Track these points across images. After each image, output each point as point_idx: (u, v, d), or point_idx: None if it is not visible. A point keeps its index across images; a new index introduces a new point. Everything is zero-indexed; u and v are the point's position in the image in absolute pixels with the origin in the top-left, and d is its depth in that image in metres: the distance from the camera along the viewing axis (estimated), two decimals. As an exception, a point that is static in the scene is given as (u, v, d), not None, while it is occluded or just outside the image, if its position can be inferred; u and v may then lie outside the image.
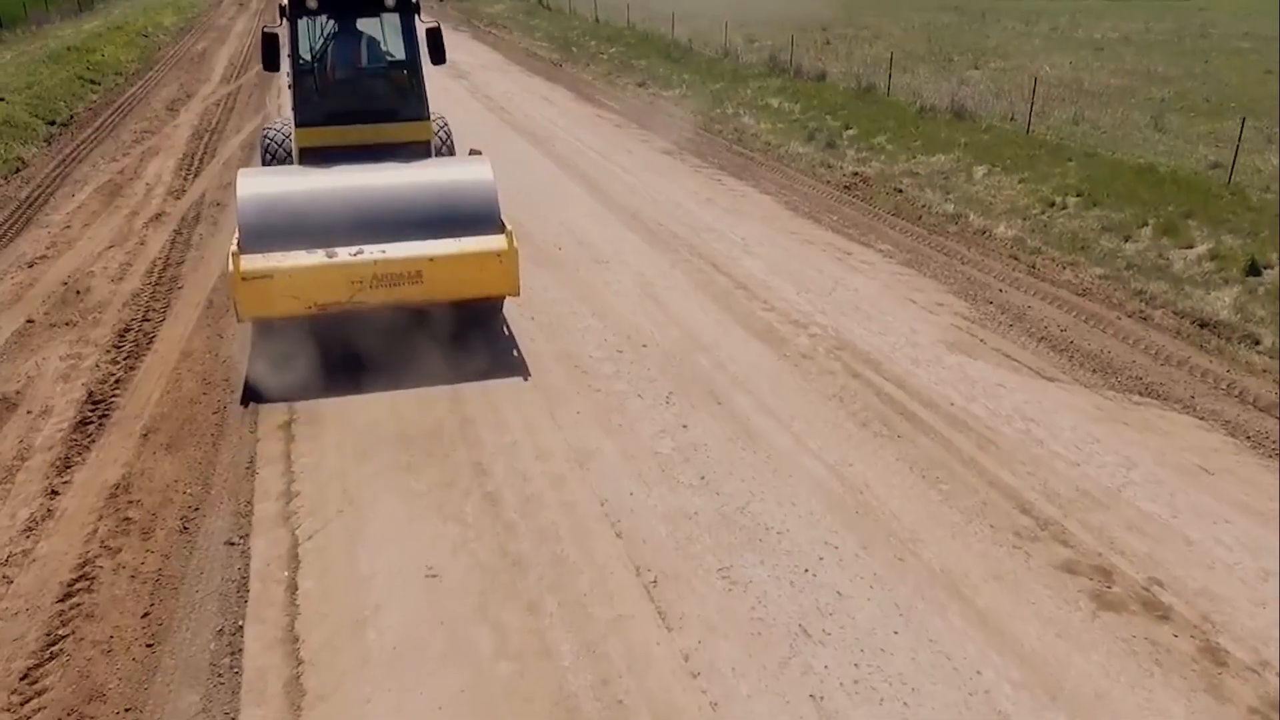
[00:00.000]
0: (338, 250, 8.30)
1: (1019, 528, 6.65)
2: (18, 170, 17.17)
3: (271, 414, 8.20)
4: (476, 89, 24.93)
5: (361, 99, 10.03)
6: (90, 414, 8.20)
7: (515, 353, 9.38)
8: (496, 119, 21.06)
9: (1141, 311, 10.69)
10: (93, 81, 25.93)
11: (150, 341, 9.63)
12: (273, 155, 11.24)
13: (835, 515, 6.75)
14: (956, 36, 41.07)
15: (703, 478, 7.21)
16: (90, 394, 8.53)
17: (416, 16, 10.05)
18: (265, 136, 11.65)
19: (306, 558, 6.28)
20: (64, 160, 17.63)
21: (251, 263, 8.05)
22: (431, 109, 10.63)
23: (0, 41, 32.67)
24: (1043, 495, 7.03)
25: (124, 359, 9.27)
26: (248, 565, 6.21)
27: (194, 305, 10.49)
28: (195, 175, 16.15)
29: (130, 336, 9.75)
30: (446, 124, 12.05)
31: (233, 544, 6.42)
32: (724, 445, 7.68)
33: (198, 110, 22.06)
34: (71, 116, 21.73)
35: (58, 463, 7.45)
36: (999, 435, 7.87)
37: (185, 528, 6.61)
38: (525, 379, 8.83)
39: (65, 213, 14.28)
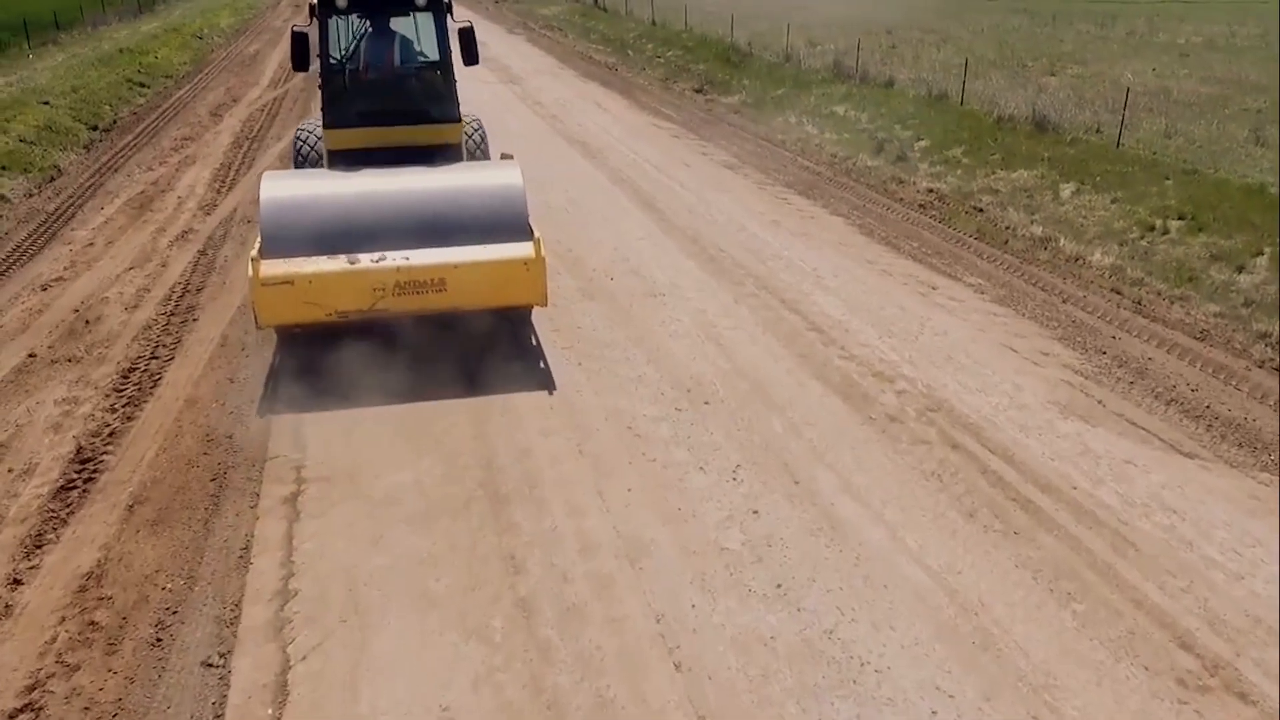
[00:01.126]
0: (360, 256, 7.89)
1: (1181, 671, 5.23)
2: (52, 179, 16.38)
3: (277, 477, 7.05)
4: (528, 95, 23.80)
5: (391, 100, 9.66)
6: (75, 476, 7.12)
7: (559, 409, 8.14)
8: (548, 127, 19.88)
9: (1272, 360, 9.15)
10: (141, 85, 25.30)
11: (154, 385, 8.56)
12: (304, 156, 10.86)
13: (947, 646, 5.39)
14: (1028, 41, 39.09)
15: (779, 585, 5.89)
16: (79, 450, 7.46)
17: (448, 16, 9.64)
18: (298, 137, 11.21)
19: (297, 688, 5.08)
20: (100, 169, 16.81)
21: (271, 268, 7.71)
22: (473, 113, 10.19)
23: (55, 43, 32.32)
24: (1204, 621, 5.60)
25: (123, 406, 8.19)
26: (225, 697, 5.03)
27: (207, 342, 9.41)
28: (229, 188, 15.18)
29: (134, 379, 8.69)
30: (481, 126, 11.48)
31: (211, 665, 5.25)
32: (803, 539, 6.35)
33: (242, 116, 21.21)
34: (115, 121, 21.02)
35: (28, 540, 6.37)
36: (1138, 533, 6.43)
37: (158, 639, 5.45)
38: (569, 441, 7.58)
39: (91, 228, 13.37)
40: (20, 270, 11.77)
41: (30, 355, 9.31)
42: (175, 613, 5.67)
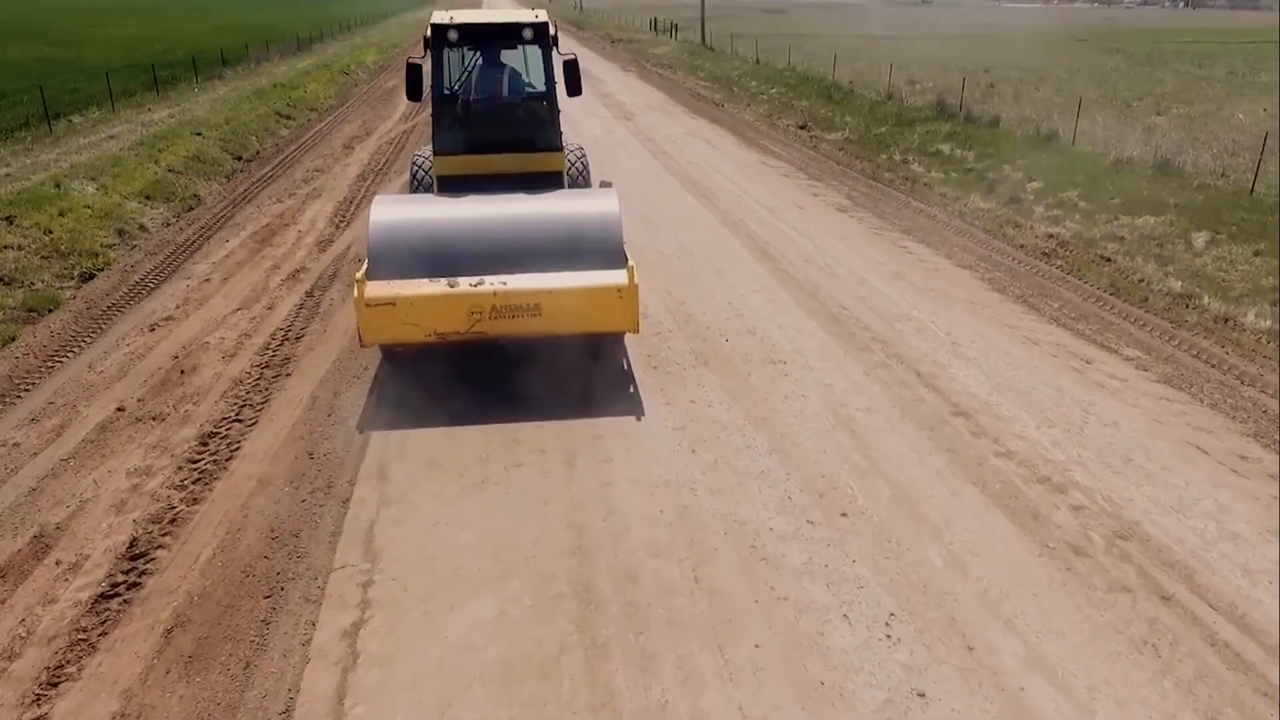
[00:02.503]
0: (459, 280, 7.45)
1: None
2: (191, 208, 15.28)
3: (339, 598, 5.32)
4: (640, 131, 21.95)
5: (498, 129, 9.16)
6: (122, 579, 5.52)
7: (670, 513, 6.20)
8: (659, 165, 17.98)
9: None
10: (288, 117, 24.42)
11: (231, 456, 6.96)
12: (419, 181, 10.35)
13: None
14: (1128, 80, 35.43)
15: (969, 833, 3.84)
16: (133, 542, 5.87)
17: (554, 49, 9.03)
18: (413, 162, 10.69)
19: None
20: (235, 200, 15.64)
21: (375, 290, 7.34)
22: (579, 143, 9.69)
23: (220, 78, 32.00)
24: None
25: (193, 483, 6.61)
26: None
27: (295, 404, 7.80)
28: (347, 223, 13.74)
29: (212, 447, 7.11)
30: (583, 154, 10.85)
31: None
32: (992, 748, 4.28)
33: (371, 148, 19.95)
34: (258, 152, 20.01)
35: (45, 675, 4.77)
36: None
37: None
38: (683, 565, 5.64)
39: (212, 262, 12.06)
40: (136, 306, 10.46)
41: (119, 409, 7.86)
42: (184, 815, 3.95)
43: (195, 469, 6.80)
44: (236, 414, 7.67)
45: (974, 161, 19.59)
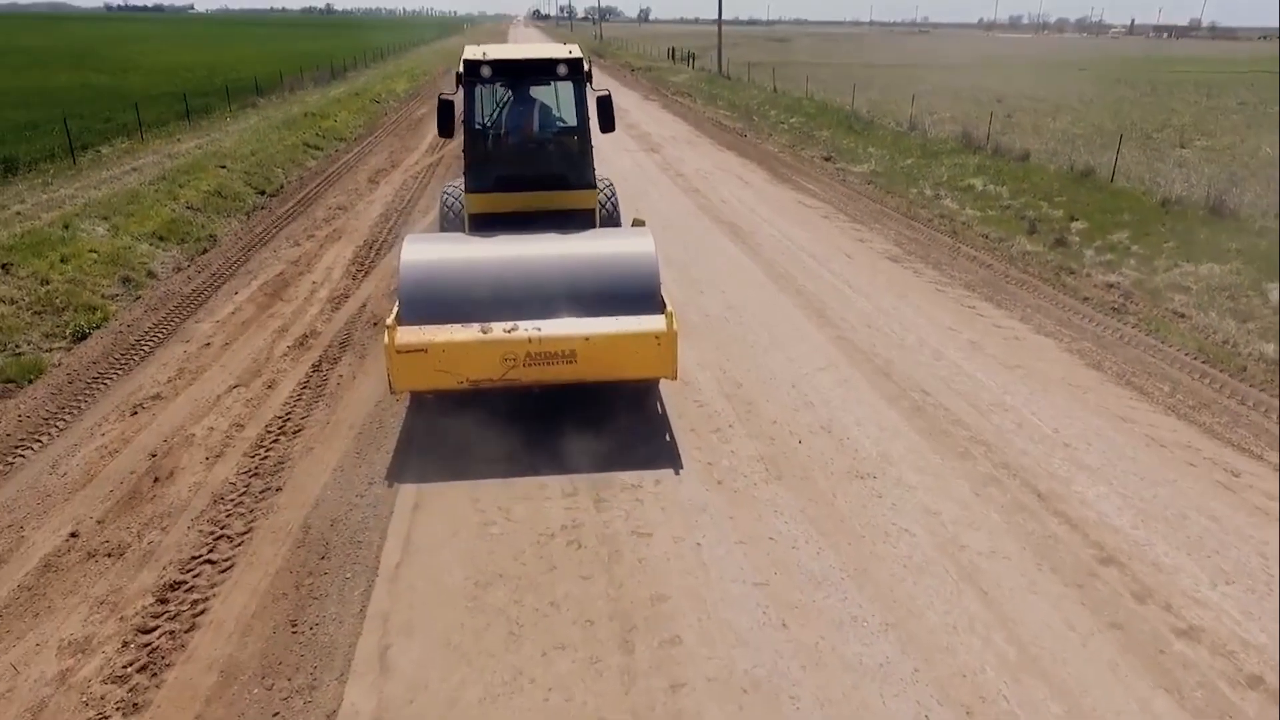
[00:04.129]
0: (492, 325, 6.72)
1: None
2: (205, 250, 13.38)
3: None
4: (669, 165, 19.93)
5: (531, 166, 8.44)
6: None
7: (767, 736, 4.21)
8: (693, 204, 15.96)
9: None
10: (315, 148, 22.51)
11: (193, 624, 5.00)
12: (449, 215, 9.39)
13: None
14: (1141, 111, 33.16)
15: None
16: (39, 786, 3.95)
17: (588, 85, 8.22)
18: (444, 198, 9.65)
19: None
20: (250, 243, 13.73)
21: (407, 336, 6.63)
22: (603, 174, 9.02)
23: (253, 106, 30.17)
24: None
25: (138, 671, 4.67)
26: None
27: (283, 536, 5.84)
28: (365, 273, 11.80)
29: (172, 607, 5.17)
30: (613, 191, 9.85)
31: None
32: None
33: (397, 183, 18.02)
34: (281, 187, 18.09)
35: None
36: None
37: None
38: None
39: (216, 321, 10.14)
40: (124, 379, 8.55)
41: (73, 534, 5.94)
42: None
43: (146, 647, 4.85)
44: (209, 550, 5.71)
45: (1009, 198, 17.56)
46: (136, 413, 7.82)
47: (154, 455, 7.00)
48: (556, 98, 8.84)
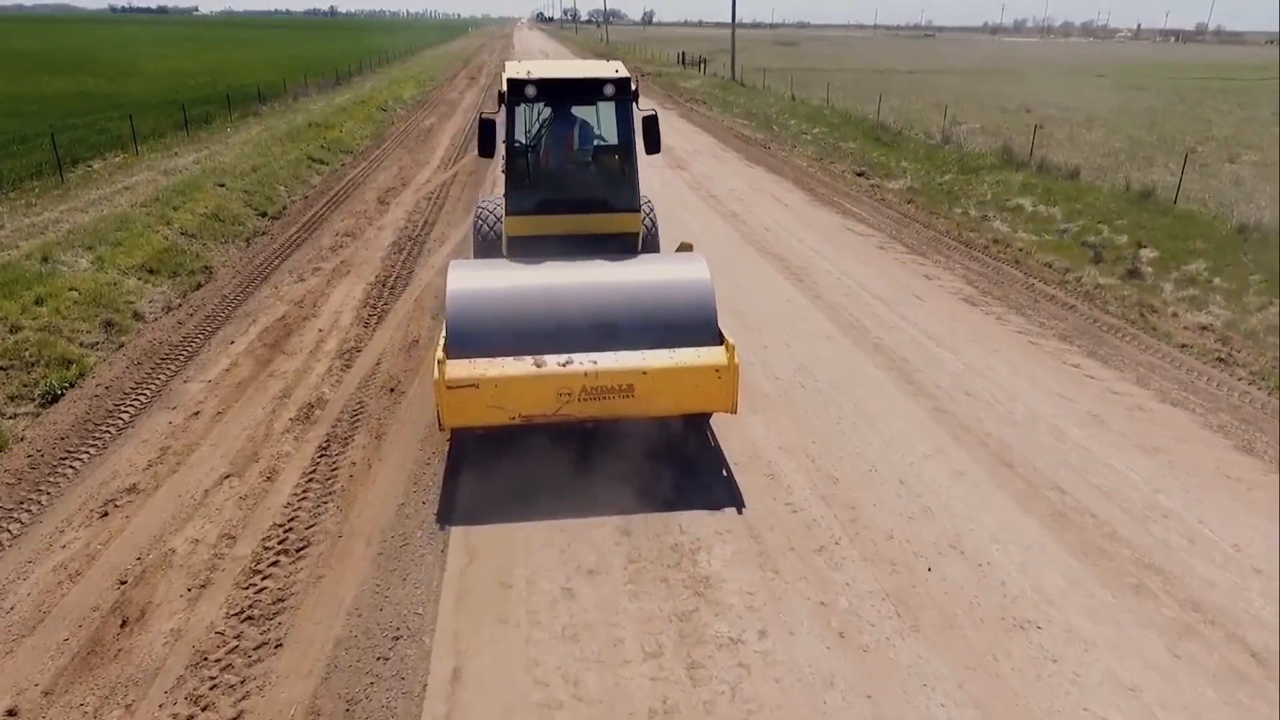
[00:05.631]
0: (546, 359, 6.19)
1: None
2: (200, 285, 11.95)
3: None
4: (699, 184, 18.47)
5: (573, 188, 8.06)
6: None
7: None
8: (733, 230, 14.51)
9: None
10: (320, 162, 21.07)
11: None
12: (484, 235, 8.84)
13: None
14: (1175, 122, 31.69)
15: None
16: None
17: (634, 104, 7.72)
18: (478, 216, 9.06)
19: None
20: (250, 276, 12.29)
21: (457, 370, 6.07)
22: (647, 197, 8.54)
23: (255, 115, 28.72)
24: None
25: None
26: None
27: (285, 713, 4.40)
28: (379, 318, 10.35)
29: None
30: (652, 210, 9.13)
31: None
32: None
33: (408, 205, 16.56)
34: (283, 208, 16.65)
35: None
36: None
37: None
38: None
39: (208, 380, 8.71)
40: (96, 462, 7.12)
41: (9, 715, 4.51)
42: None
43: None
44: (186, 750, 4.27)
45: (1063, 220, 16.15)
46: (108, 513, 6.39)
47: (123, 584, 5.56)
48: (599, 116, 8.37)
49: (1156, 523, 6.16)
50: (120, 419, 7.93)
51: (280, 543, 5.92)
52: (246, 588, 5.46)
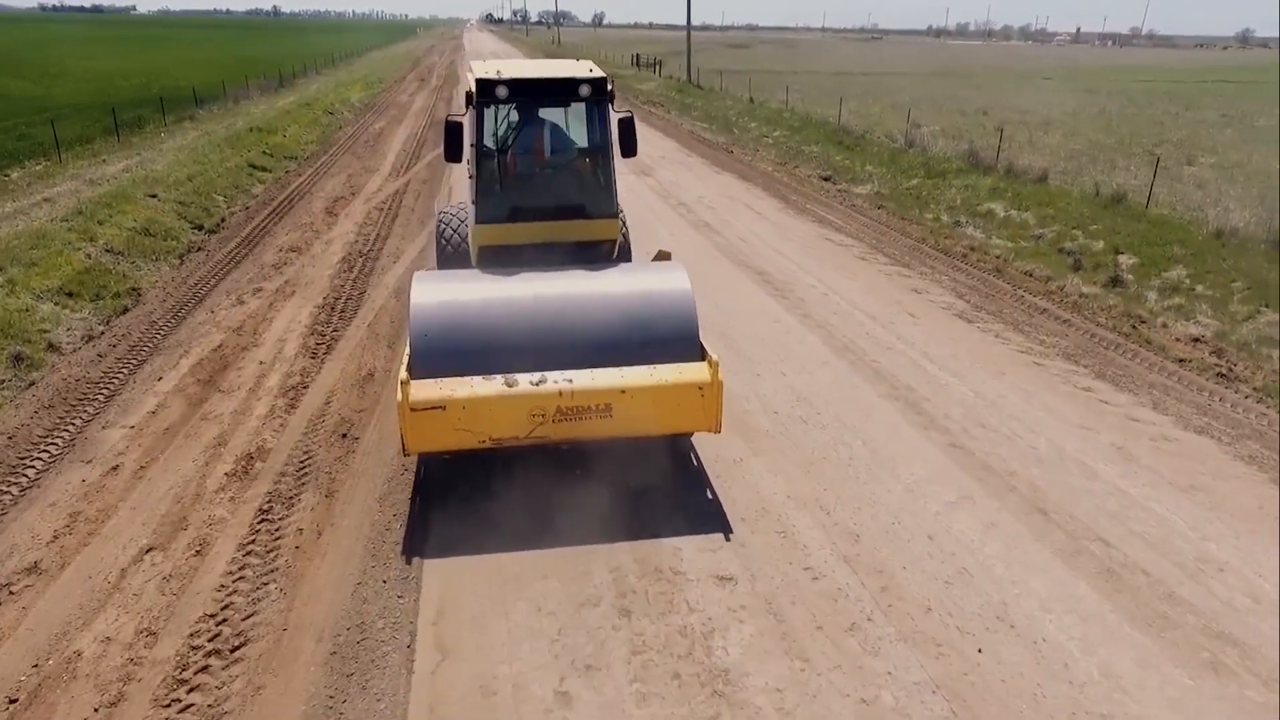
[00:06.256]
0: (517, 378, 5.76)
1: None
2: (126, 310, 10.74)
3: None
4: (668, 192, 17.67)
5: (547, 194, 7.36)
6: None
7: None
8: (708, 243, 13.72)
9: None
10: (263, 169, 19.73)
11: None
12: (447, 242, 8.43)
13: None
14: (1129, 125, 31.93)
15: None
16: None
17: (609, 106, 7.20)
18: (440, 225, 8.66)
19: None
20: (183, 299, 11.10)
21: (422, 391, 5.63)
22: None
23: (192, 119, 27.09)
24: None
25: None
26: None
27: None
28: (329, 349, 9.29)
29: None
30: (623, 216, 8.27)
31: None
32: None
33: (358, 216, 15.43)
34: (222, 220, 15.38)
35: None
36: None
37: None
38: None
39: (128, 427, 7.59)
40: (-9, 532, 5.99)
41: None
42: None
43: None
44: None
45: (1037, 226, 15.80)
46: (1, 602, 5.29)
47: (13, 701, 4.51)
48: (572, 119, 7.99)
49: (1212, 578, 5.51)
50: (24, 477, 6.80)
51: (211, 640, 4.91)
52: (169, 705, 4.45)
